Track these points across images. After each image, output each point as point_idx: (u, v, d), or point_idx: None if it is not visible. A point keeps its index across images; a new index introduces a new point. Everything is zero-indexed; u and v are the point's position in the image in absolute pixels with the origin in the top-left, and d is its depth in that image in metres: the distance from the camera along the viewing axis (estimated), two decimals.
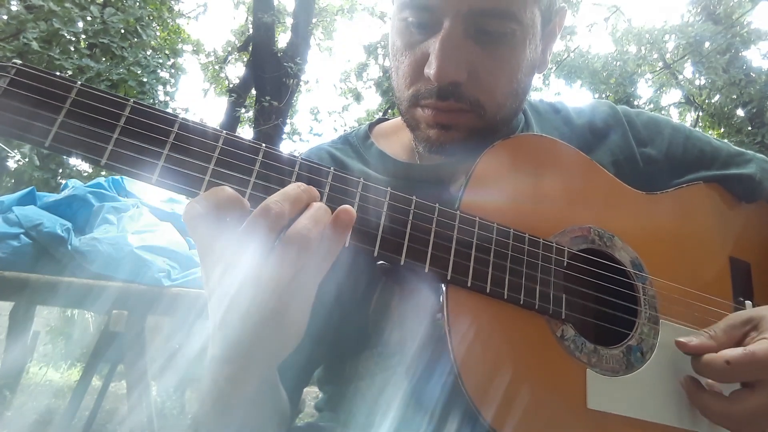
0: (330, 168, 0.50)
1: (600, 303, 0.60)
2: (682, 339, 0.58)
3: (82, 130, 0.44)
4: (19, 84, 0.44)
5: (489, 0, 0.59)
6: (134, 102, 0.46)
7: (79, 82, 0.45)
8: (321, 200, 0.48)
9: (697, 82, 10.50)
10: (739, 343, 0.56)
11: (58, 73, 0.45)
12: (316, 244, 0.44)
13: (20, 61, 0.45)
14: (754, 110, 8.86)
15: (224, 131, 0.48)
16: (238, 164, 0.47)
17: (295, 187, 0.46)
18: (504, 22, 0.60)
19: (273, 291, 0.43)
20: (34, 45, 4.30)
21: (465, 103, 0.62)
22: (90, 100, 0.45)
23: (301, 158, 0.49)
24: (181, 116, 0.47)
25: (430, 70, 0.60)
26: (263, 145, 0.49)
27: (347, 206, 0.46)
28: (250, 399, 0.53)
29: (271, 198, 0.44)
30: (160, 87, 5.80)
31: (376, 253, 0.49)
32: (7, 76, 0.43)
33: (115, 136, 0.45)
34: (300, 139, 9.22)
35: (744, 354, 0.52)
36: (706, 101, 10.24)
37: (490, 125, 0.65)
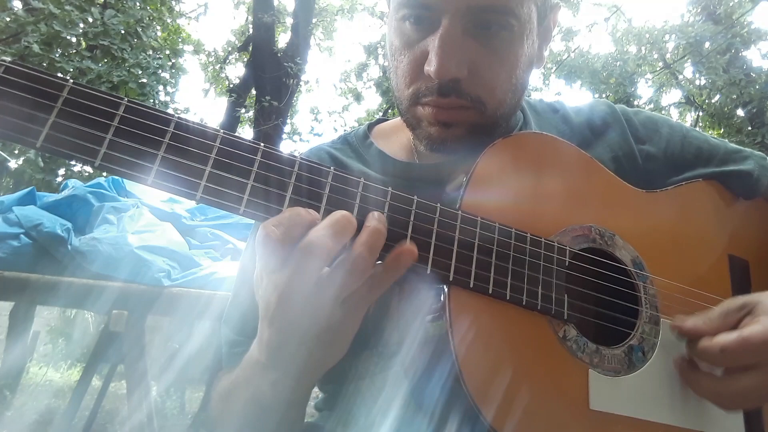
0: (330, 168, 0.50)
1: (601, 303, 0.60)
2: (677, 322, 0.58)
3: (74, 130, 0.43)
4: (9, 82, 0.42)
5: None
6: (128, 101, 0.45)
7: (71, 81, 0.44)
8: (321, 201, 0.48)
9: (697, 82, 10.50)
10: (733, 328, 0.56)
11: (49, 72, 0.44)
12: (369, 271, 0.47)
13: (10, 59, 0.43)
14: (754, 110, 8.86)
15: (222, 130, 0.47)
16: (237, 165, 0.46)
17: (342, 219, 0.46)
18: (502, 17, 0.60)
19: (329, 313, 0.47)
20: (35, 47, 4.30)
21: (466, 100, 0.62)
22: (83, 99, 0.44)
23: (301, 158, 0.49)
24: (177, 115, 0.46)
25: (431, 67, 0.60)
26: (262, 144, 0.48)
27: (412, 247, 0.48)
28: (287, 404, 0.57)
29: (319, 236, 0.45)
30: (161, 87, 5.80)
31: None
32: None
33: (109, 136, 0.43)
34: (300, 139, 9.22)
35: (737, 340, 0.53)
36: (706, 101, 10.24)
37: (490, 121, 0.65)
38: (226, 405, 0.64)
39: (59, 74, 0.47)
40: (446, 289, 0.51)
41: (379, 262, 0.48)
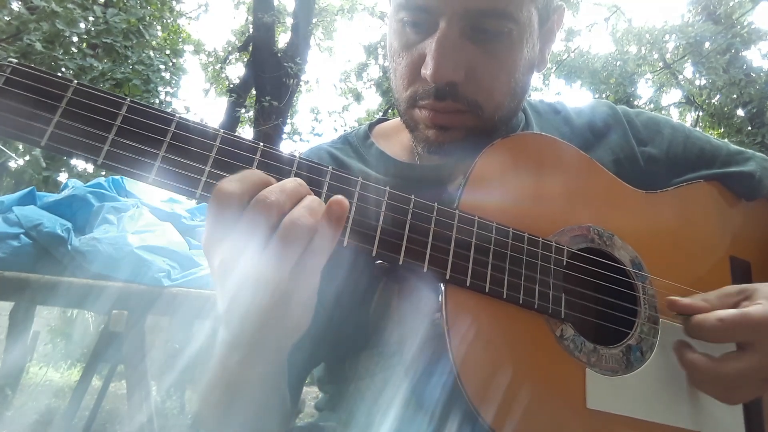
0: (328, 167, 0.50)
1: (599, 302, 0.60)
2: (674, 297, 0.58)
3: (78, 129, 0.44)
4: (15, 83, 0.43)
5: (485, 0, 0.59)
6: (131, 101, 0.46)
7: (76, 81, 0.45)
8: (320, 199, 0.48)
9: (697, 82, 10.51)
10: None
11: (54, 72, 0.45)
12: (312, 234, 0.44)
13: (16, 60, 0.44)
14: (754, 110, 8.87)
15: (222, 130, 0.47)
16: (236, 164, 0.47)
17: (292, 181, 0.46)
18: (500, 21, 0.60)
19: (273, 284, 0.44)
20: (38, 46, 4.31)
21: (462, 104, 0.62)
22: (86, 99, 0.45)
23: (300, 157, 0.49)
24: (178, 115, 0.47)
25: (427, 70, 0.60)
26: (261, 144, 0.48)
27: (339, 197, 0.46)
28: (258, 383, 0.54)
29: (269, 189, 0.44)
30: (162, 87, 5.81)
31: (374, 253, 0.49)
32: (3, 75, 0.43)
33: (112, 135, 0.44)
34: (300, 139, 9.22)
35: (737, 313, 0.53)
36: (706, 101, 10.24)
37: (488, 125, 0.65)
38: (205, 393, 0.61)
39: (61, 72, 0.47)
40: (443, 288, 0.51)
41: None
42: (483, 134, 0.64)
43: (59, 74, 0.45)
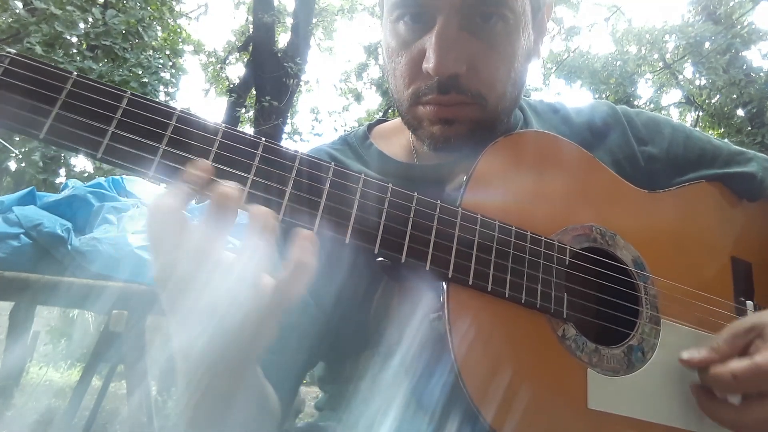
0: (330, 163, 0.50)
1: (601, 302, 0.60)
2: (685, 356, 0.58)
3: (77, 122, 0.43)
4: (14, 74, 0.42)
5: None
6: (131, 94, 0.45)
7: (75, 73, 0.44)
8: (321, 197, 0.48)
9: (697, 82, 10.51)
10: (744, 351, 0.56)
11: (53, 64, 0.44)
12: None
13: (14, 51, 0.43)
14: (754, 110, 8.86)
15: (223, 125, 0.47)
16: (237, 159, 0.46)
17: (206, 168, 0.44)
18: (497, 9, 0.61)
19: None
20: (37, 48, 4.32)
21: (466, 95, 0.62)
22: (86, 92, 0.44)
23: (302, 153, 0.49)
24: (179, 109, 0.46)
25: (429, 64, 0.60)
26: (263, 139, 0.48)
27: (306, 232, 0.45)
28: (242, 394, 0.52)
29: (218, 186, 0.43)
30: (162, 87, 5.81)
31: (376, 251, 0.49)
32: (1, 65, 0.42)
33: (112, 128, 0.44)
34: (300, 139, 9.23)
35: (749, 367, 0.53)
36: (706, 101, 10.24)
37: (492, 116, 0.65)
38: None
39: None
40: (445, 287, 0.51)
41: None
42: (486, 127, 0.64)
43: (58, 66, 0.44)
